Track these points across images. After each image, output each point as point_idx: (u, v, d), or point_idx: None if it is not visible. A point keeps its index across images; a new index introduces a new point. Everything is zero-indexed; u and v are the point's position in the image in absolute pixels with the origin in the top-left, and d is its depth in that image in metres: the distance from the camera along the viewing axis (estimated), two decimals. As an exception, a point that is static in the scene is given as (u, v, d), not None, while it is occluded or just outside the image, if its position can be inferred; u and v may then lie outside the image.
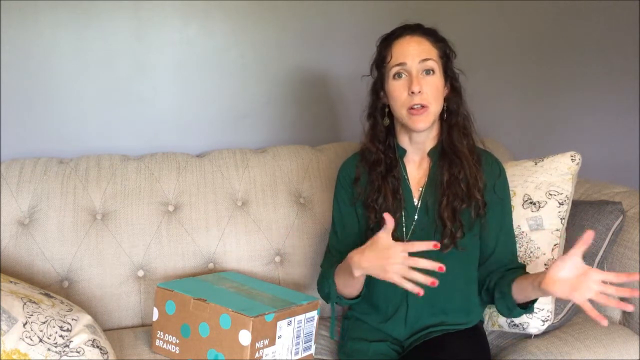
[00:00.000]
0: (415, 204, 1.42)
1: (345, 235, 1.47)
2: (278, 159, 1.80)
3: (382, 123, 1.42)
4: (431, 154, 1.43)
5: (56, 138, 1.82)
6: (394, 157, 1.43)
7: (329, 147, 1.88)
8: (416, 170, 1.44)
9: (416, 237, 1.40)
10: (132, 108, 1.88)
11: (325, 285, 1.41)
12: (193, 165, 1.74)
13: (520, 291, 1.30)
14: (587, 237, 1.14)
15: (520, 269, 1.38)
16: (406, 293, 1.40)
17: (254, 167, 1.77)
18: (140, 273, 1.63)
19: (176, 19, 1.88)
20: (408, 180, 1.43)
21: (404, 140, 1.43)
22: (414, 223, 1.40)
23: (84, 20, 1.79)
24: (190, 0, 1.88)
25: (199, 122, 1.95)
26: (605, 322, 1.11)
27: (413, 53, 1.33)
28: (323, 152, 1.84)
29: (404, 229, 1.41)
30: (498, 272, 1.38)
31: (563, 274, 1.16)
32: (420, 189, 1.42)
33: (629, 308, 1.11)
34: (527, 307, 1.33)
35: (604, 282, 1.13)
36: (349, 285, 1.34)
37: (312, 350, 1.43)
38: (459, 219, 1.36)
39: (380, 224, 1.40)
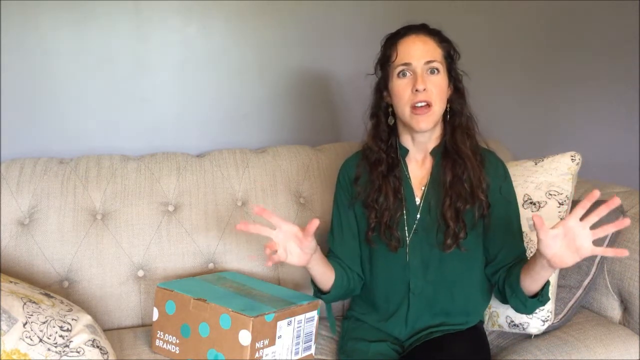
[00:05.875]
0: (418, 203, 1.41)
1: (342, 237, 1.47)
2: (278, 159, 1.80)
3: (385, 122, 1.42)
4: (434, 153, 1.42)
5: (56, 138, 1.81)
6: (395, 157, 1.43)
7: (329, 147, 1.88)
8: (418, 169, 1.44)
9: (418, 236, 1.40)
10: (132, 108, 1.88)
11: (312, 284, 1.43)
12: (193, 165, 1.74)
13: (529, 278, 1.26)
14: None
15: (523, 260, 1.33)
16: (407, 292, 1.40)
17: (254, 167, 1.76)
18: (140, 273, 1.63)
19: (176, 19, 1.88)
20: (410, 179, 1.43)
21: (406, 140, 1.43)
22: (416, 222, 1.40)
23: (84, 20, 1.79)
24: (190, 0, 1.88)
25: (199, 122, 1.95)
26: (625, 252, 1.09)
27: (418, 53, 1.33)
28: (323, 152, 1.84)
29: (406, 228, 1.40)
30: (505, 270, 1.37)
31: (555, 241, 1.13)
32: (423, 188, 1.42)
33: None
34: (539, 296, 1.29)
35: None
36: (315, 278, 1.38)
37: (312, 350, 1.43)
38: (462, 219, 1.35)
39: (380, 224, 1.40)
